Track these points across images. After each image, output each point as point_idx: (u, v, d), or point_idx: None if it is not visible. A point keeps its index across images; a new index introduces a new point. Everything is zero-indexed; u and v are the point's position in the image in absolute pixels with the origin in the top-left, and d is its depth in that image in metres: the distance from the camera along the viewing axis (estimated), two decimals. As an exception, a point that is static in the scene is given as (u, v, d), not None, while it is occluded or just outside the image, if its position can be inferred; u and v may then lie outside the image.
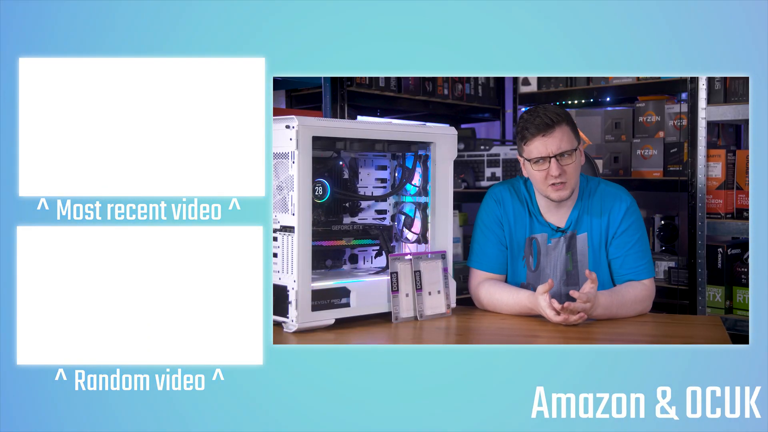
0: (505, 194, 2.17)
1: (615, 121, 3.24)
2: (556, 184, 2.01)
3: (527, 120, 2.02)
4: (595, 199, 2.12)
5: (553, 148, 1.98)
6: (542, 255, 2.14)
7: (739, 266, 2.80)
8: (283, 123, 1.80)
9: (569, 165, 2.01)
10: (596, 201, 2.12)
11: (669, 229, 3.25)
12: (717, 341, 1.78)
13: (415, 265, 2.02)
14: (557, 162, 1.99)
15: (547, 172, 2.00)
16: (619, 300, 1.99)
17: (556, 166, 1.99)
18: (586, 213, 2.12)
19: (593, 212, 2.12)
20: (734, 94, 2.75)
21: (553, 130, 1.99)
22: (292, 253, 1.81)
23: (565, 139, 2.00)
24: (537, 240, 2.14)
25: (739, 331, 2.68)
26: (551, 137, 1.99)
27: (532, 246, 2.14)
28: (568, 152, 2.00)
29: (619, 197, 2.12)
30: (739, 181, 2.79)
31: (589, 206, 2.12)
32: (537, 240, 2.14)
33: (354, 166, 2.14)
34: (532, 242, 2.15)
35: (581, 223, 2.13)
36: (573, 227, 2.12)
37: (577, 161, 2.04)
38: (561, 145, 1.99)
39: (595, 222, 2.11)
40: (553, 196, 2.05)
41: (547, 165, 2.00)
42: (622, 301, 2.00)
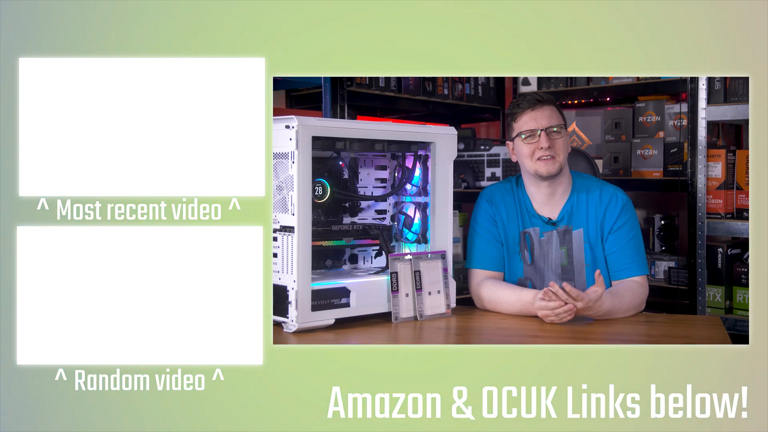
0: (495, 193, 2.22)
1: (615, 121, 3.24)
2: (546, 158, 2.08)
3: (517, 99, 2.17)
4: (591, 195, 2.16)
5: (543, 122, 2.10)
6: (535, 248, 2.16)
7: (739, 266, 2.80)
8: (283, 123, 1.80)
9: (558, 140, 2.11)
10: (592, 197, 2.16)
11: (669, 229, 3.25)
12: (717, 341, 1.79)
13: (415, 265, 2.02)
14: (546, 135, 2.08)
15: (536, 146, 2.09)
16: (620, 301, 2.01)
17: (545, 138, 2.08)
18: (582, 208, 2.15)
19: (589, 208, 2.15)
20: (734, 94, 2.75)
21: (542, 105, 2.11)
22: (292, 253, 1.81)
23: (554, 116, 2.12)
24: (530, 234, 2.17)
25: (739, 331, 2.68)
26: (540, 111, 2.11)
27: (525, 240, 2.17)
28: (556, 126, 2.10)
29: (614, 195, 2.15)
30: (739, 181, 2.79)
31: (586, 201, 2.15)
32: (530, 234, 2.17)
33: (354, 166, 2.14)
34: (525, 236, 2.17)
35: (576, 219, 2.15)
36: (566, 221, 2.15)
37: (565, 141, 2.13)
38: (550, 120, 2.10)
39: (591, 218, 2.14)
40: (542, 170, 2.09)
41: (536, 139, 2.09)
42: (623, 302, 2.02)
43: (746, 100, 2.54)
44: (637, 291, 2.07)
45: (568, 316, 1.90)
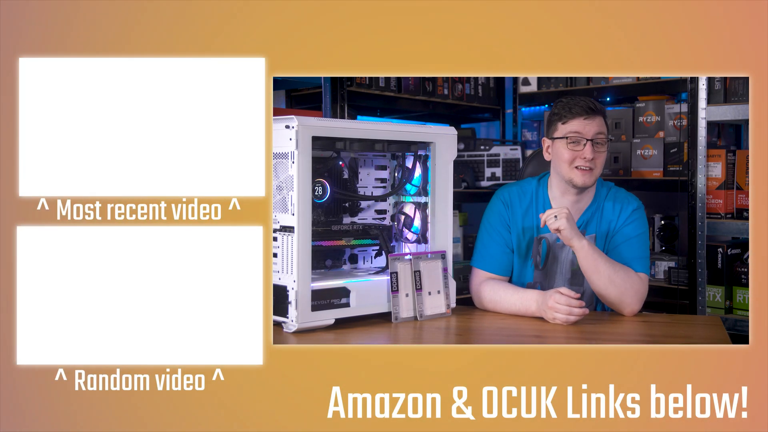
0: (513, 196, 2.19)
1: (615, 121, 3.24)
2: (585, 168, 2.06)
3: (570, 101, 2.10)
4: (607, 202, 2.15)
5: (592, 132, 2.06)
6: (551, 254, 2.15)
7: (739, 266, 2.80)
8: (283, 123, 1.80)
9: (600, 153, 2.08)
10: (608, 203, 2.15)
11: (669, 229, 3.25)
12: (717, 341, 1.79)
13: (415, 265, 2.02)
14: (592, 146, 2.04)
15: (579, 154, 2.05)
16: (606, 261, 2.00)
17: (590, 149, 2.05)
18: (598, 214, 2.15)
19: (605, 215, 2.14)
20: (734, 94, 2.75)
21: (595, 115, 2.08)
22: (292, 253, 1.81)
23: (602, 127, 2.09)
24: (547, 239, 2.15)
25: (739, 331, 2.67)
26: (592, 121, 2.07)
27: (541, 245, 2.15)
28: (603, 139, 2.07)
29: (627, 200, 2.16)
30: (739, 181, 2.79)
31: (602, 207, 2.15)
32: (547, 239, 2.15)
33: (354, 166, 2.14)
34: (541, 241, 2.15)
35: (591, 224, 2.15)
36: (584, 227, 2.14)
37: (606, 154, 2.11)
38: (600, 131, 2.07)
39: (603, 224, 2.14)
40: (578, 180, 2.07)
41: (581, 147, 2.05)
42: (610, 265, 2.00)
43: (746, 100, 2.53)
44: (634, 279, 2.03)
45: (576, 318, 1.90)
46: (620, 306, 2.03)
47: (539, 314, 1.97)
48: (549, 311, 1.92)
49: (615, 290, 2.01)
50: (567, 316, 1.89)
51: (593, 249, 2.00)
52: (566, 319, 1.89)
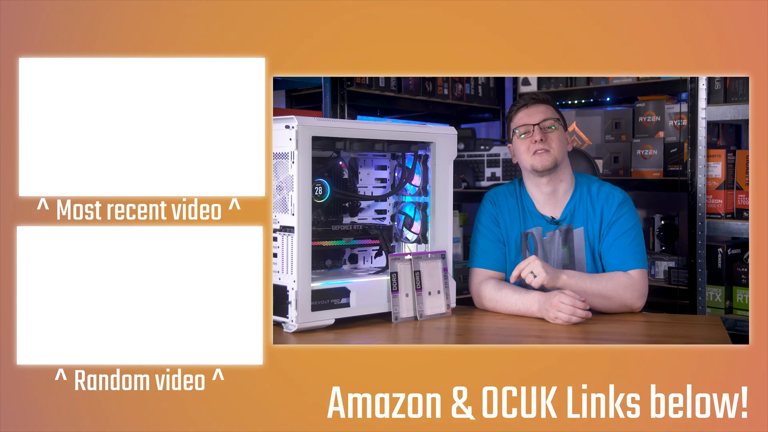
0: (498, 195, 2.24)
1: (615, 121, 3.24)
2: (540, 151, 2.11)
3: (514, 102, 2.26)
4: (592, 195, 2.17)
5: (537, 118, 2.13)
6: (538, 249, 2.16)
7: (739, 266, 2.80)
8: (283, 123, 1.80)
9: (552, 133, 2.13)
10: (592, 196, 2.17)
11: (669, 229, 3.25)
12: (717, 341, 1.79)
13: (415, 265, 2.02)
14: (540, 129, 2.12)
15: (530, 140, 2.12)
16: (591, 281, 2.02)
17: (539, 132, 2.12)
18: (582, 207, 2.16)
19: (589, 208, 2.16)
20: (734, 94, 2.75)
21: (536, 104, 2.16)
22: (291, 253, 1.81)
23: (548, 112, 2.15)
24: (532, 234, 2.18)
25: (739, 331, 2.68)
26: (534, 108, 2.15)
27: (528, 240, 2.17)
28: (550, 120, 2.13)
29: (612, 193, 2.17)
30: (739, 181, 2.79)
31: (587, 200, 2.16)
32: (532, 234, 2.18)
33: (354, 166, 2.14)
34: (527, 237, 2.18)
35: (578, 217, 2.16)
36: (569, 220, 2.16)
37: (561, 137, 2.15)
38: (544, 115, 2.14)
39: (590, 217, 2.15)
40: (537, 164, 2.11)
41: (530, 134, 2.12)
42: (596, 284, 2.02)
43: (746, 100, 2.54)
44: (622, 282, 2.04)
45: (578, 319, 1.90)
46: (624, 310, 2.06)
47: (540, 315, 1.97)
48: (552, 310, 1.92)
49: (611, 302, 2.04)
50: (570, 316, 1.89)
51: (575, 279, 2.01)
52: (568, 319, 1.90)
